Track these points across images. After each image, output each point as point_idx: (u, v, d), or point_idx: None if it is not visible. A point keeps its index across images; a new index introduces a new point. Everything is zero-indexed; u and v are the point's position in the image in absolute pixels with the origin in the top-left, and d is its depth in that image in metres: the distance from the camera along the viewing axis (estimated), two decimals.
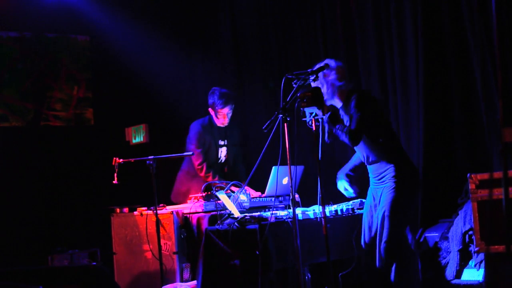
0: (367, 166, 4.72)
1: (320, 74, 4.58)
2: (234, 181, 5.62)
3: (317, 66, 4.59)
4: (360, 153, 4.74)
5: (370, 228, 4.70)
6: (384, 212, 4.53)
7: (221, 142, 6.22)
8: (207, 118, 6.17)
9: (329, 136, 4.63)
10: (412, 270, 4.64)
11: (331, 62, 4.65)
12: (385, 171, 4.57)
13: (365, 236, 4.74)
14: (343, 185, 4.91)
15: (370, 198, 4.75)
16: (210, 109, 6.12)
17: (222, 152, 6.23)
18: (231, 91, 6.20)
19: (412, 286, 4.61)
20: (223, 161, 6.27)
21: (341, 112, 4.69)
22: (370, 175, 4.74)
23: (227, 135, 6.24)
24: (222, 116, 6.07)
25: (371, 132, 4.54)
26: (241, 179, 6.10)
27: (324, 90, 4.58)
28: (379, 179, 4.62)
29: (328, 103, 4.67)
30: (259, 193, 5.70)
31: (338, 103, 4.69)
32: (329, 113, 4.51)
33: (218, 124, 6.14)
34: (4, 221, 7.24)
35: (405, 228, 4.61)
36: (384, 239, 4.51)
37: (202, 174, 5.99)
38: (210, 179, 5.90)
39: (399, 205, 4.49)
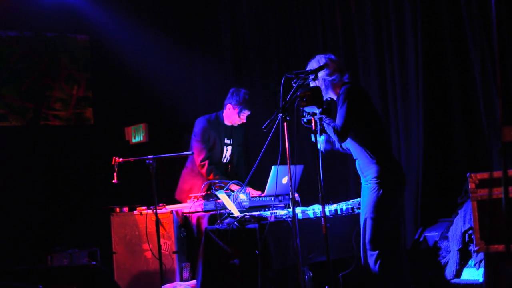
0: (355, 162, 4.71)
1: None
2: (234, 180, 5.61)
3: (311, 62, 4.64)
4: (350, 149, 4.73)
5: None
6: (366, 214, 4.53)
7: (227, 141, 6.16)
8: (214, 115, 6.09)
9: (321, 132, 4.60)
10: (397, 268, 4.60)
11: (321, 59, 4.67)
12: (367, 170, 4.56)
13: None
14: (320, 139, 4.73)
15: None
16: (229, 106, 6.00)
17: (227, 151, 6.19)
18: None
19: (398, 283, 4.57)
20: (227, 160, 6.22)
21: (337, 105, 4.67)
22: (359, 172, 4.71)
23: (232, 134, 6.20)
24: (243, 117, 6.03)
25: (354, 128, 4.52)
26: (241, 180, 6.08)
27: (321, 86, 4.58)
28: (364, 178, 4.62)
29: (325, 97, 4.65)
30: (259, 193, 5.70)
31: (334, 96, 4.71)
32: (320, 109, 4.45)
33: (226, 122, 6.10)
34: (4, 220, 7.25)
35: (388, 228, 4.56)
36: (367, 241, 4.51)
37: (203, 171, 5.95)
38: (211, 177, 5.88)
39: (380, 206, 4.48)
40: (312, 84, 4.58)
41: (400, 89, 6.06)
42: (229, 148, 6.18)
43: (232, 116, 6.03)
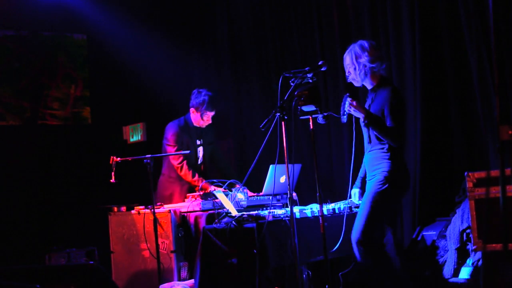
0: (366, 154, 4.67)
1: (352, 55, 4.62)
2: (232, 180, 5.61)
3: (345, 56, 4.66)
4: (365, 137, 4.68)
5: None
6: (366, 201, 4.49)
7: (198, 142, 6.19)
8: (182, 119, 6.14)
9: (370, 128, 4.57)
10: (385, 267, 4.55)
11: (364, 43, 4.65)
12: (378, 164, 4.53)
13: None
14: (355, 192, 4.90)
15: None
16: (192, 109, 6.07)
17: (200, 152, 6.22)
18: (215, 94, 6.16)
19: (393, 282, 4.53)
20: (201, 161, 6.24)
21: (370, 95, 4.68)
22: (366, 167, 4.70)
23: (202, 134, 6.22)
24: (207, 118, 6.07)
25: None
26: (231, 173, 6.10)
27: (356, 72, 4.60)
28: (371, 172, 4.59)
29: (358, 84, 4.68)
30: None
31: (369, 85, 4.68)
32: (362, 115, 4.45)
33: (195, 124, 6.12)
34: (1, 220, 7.23)
35: (380, 222, 4.56)
36: (359, 229, 4.46)
37: (183, 173, 5.95)
38: (190, 177, 5.89)
39: (382, 198, 4.45)
40: (349, 70, 4.61)
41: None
42: (201, 148, 6.22)
43: (196, 118, 6.07)
